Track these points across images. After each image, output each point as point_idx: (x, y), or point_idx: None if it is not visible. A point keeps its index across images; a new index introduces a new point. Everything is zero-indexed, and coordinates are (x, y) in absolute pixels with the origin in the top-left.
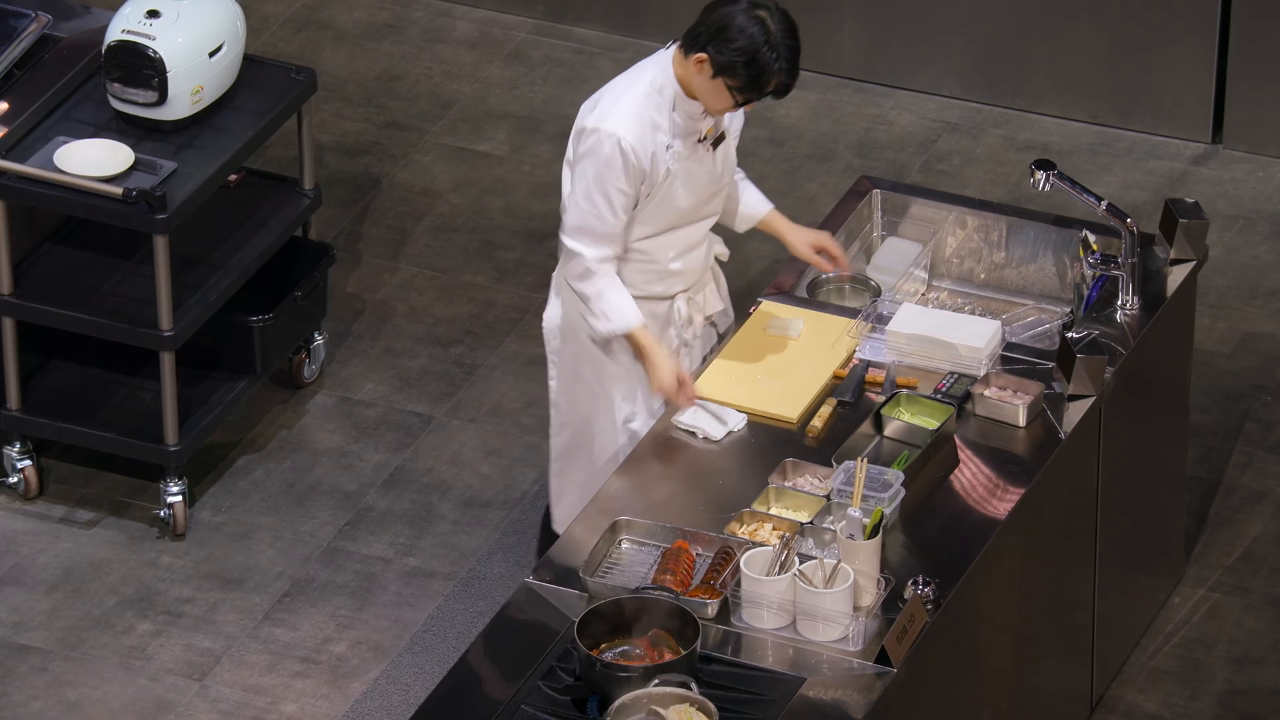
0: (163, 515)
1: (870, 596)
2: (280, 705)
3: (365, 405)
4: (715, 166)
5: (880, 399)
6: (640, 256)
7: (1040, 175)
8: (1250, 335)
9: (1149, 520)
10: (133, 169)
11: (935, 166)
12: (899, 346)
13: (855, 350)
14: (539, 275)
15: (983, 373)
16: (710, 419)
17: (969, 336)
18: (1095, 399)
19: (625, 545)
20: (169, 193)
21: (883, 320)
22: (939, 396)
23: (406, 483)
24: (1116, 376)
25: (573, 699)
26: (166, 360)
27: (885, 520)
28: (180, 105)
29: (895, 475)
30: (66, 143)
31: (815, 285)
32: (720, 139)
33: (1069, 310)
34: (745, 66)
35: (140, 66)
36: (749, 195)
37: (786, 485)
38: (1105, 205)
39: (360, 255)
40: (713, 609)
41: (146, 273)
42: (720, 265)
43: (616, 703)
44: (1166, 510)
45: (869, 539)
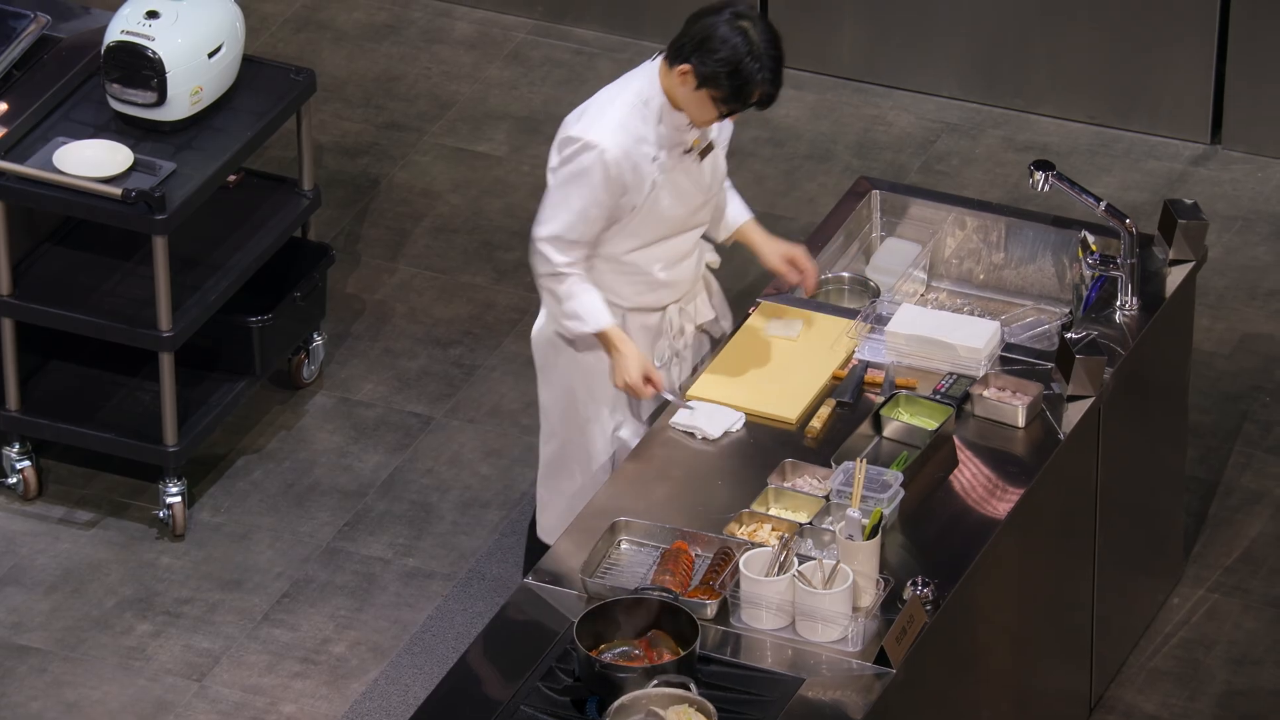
0: (162, 516)
1: (869, 597)
2: (279, 706)
3: (364, 406)
4: (703, 177)
5: (879, 399)
6: (630, 268)
7: (1039, 176)
8: (1249, 336)
9: (1148, 521)
10: (132, 170)
11: (934, 167)
12: (898, 347)
13: (854, 351)
14: None
15: (982, 373)
16: (708, 419)
17: (968, 337)
18: (1094, 399)
19: (624, 546)
20: (168, 193)
21: (882, 321)
22: (938, 397)
23: (405, 483)
24: (1115, 377)
25: (572, 700)
26: (165, 361)
27: (884, 521)
28: (179, 106)
29: (894, 476)
30: (66, 143)
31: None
32: (708, 149)
33: (1068, 311)
34: (729, 77)
35: (139, 67)
36: (731, 205)
37: (785, 486)
38: (1104, 206)
39: (359, 256)
40: (712, 610)
41: (145, 273)
42: (713, 271)
43: (616, 703)
44: (1165, 511)
45: (868, 540)
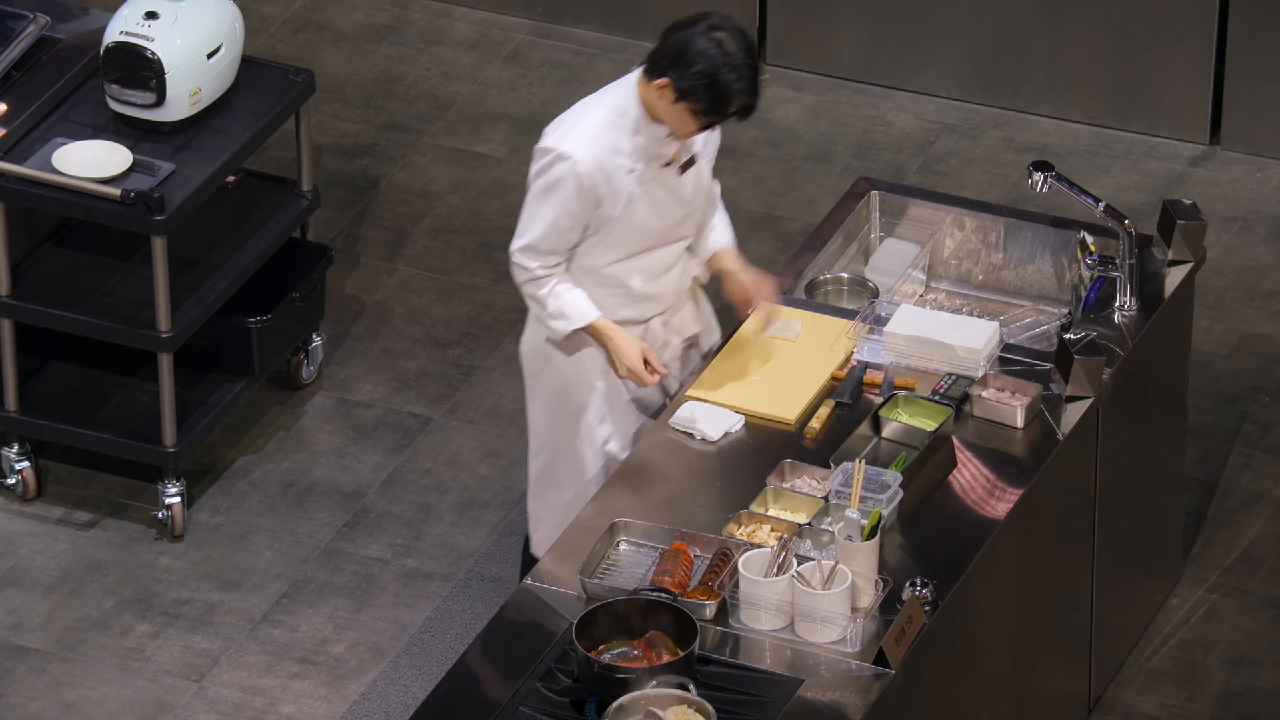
0: (161, 516)
1: (868, 598)
2: (278, 706)
3: (363, 406)
4: (684, 190)
5: (878, 400)
6: (610, 281)
7: (1038, 176)
8: (1248, 336)
9: (1147, 521)
10: (131, 170)
11: (933, 168)
12: (897, 348)
13: (853, 351)
14: None
15: (981, 374)
16: (708, 420)
17: (967, 338)
18: (1093, 400)
19: (623, 547)
20: (167, 194)
21: (881, 321)
22: (937, 398)
23: (404, 484)
24: (1114, 378)
25: (571, 700)
26: (164, 361)
27: (883, 521)
28: (178, 106)
29: (893, 476)
30: (65, 144)
31: (813, 286)
32: (690, 163)
33: (1067, 311)
34: (706, 90)
35: (138, 68)
36: (713, 231)
37: (784, 486)
38: (1103, 206)
39: (358, 256)
40: (711, 610)
41: (144, 274)
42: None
43: (615, 704)
44: (1164, 511)
45: (867, 540)
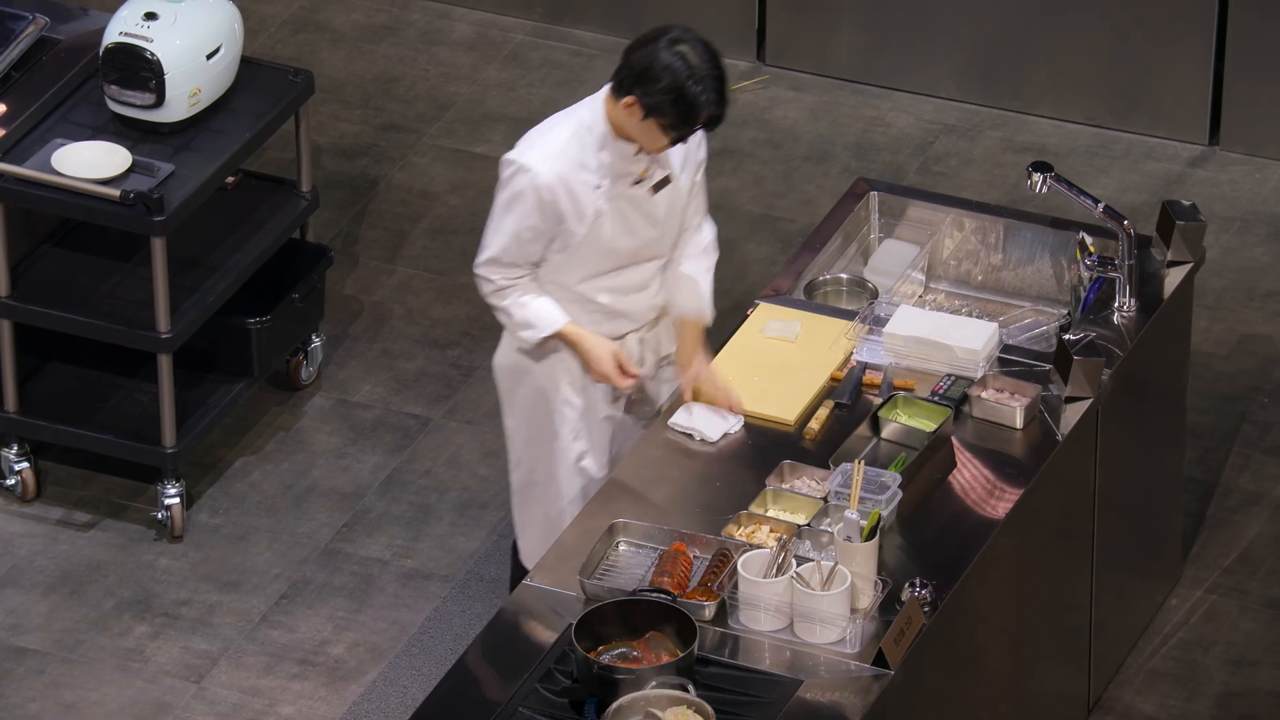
0: (160, 517)
1: (867, 599)
2: (278, 707)
3: (362, 407)
4: (656, 211)
5: (877, 401)
6: (581, 298)
7: (1037, 177)
8: (1247, 337)
9: (1146, 522)
10: (130, 171)
11: (932, 168)
12: (896, 348)
13: (852, 352)
14: None
15: (980, 375)
16: (707, 420)
17: (966, 338)
18: (1092, 401)
19: (623, 548)
20: (166, 195)
21: (880, 322)
22: (936, 398)
23: (404, 484)
24: (1114, 378)
25: (570, 701)
26: (164, 362)
27: (882, 522)
28: (178, 107)
29: (892, 477)
30: (64, 145)
31: (813, 287)
32: (664, 183)
33: (1066, 312)
34: (673, 105)
35: (138, 69)
36: (687, 292)
37: (784, 487)
38: (1102, 207)
39: (358, 257)
40: (710, 611)
41: (144, 275)
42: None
43: (614, 705)
44: (1163, 512)
45: (866, 541)
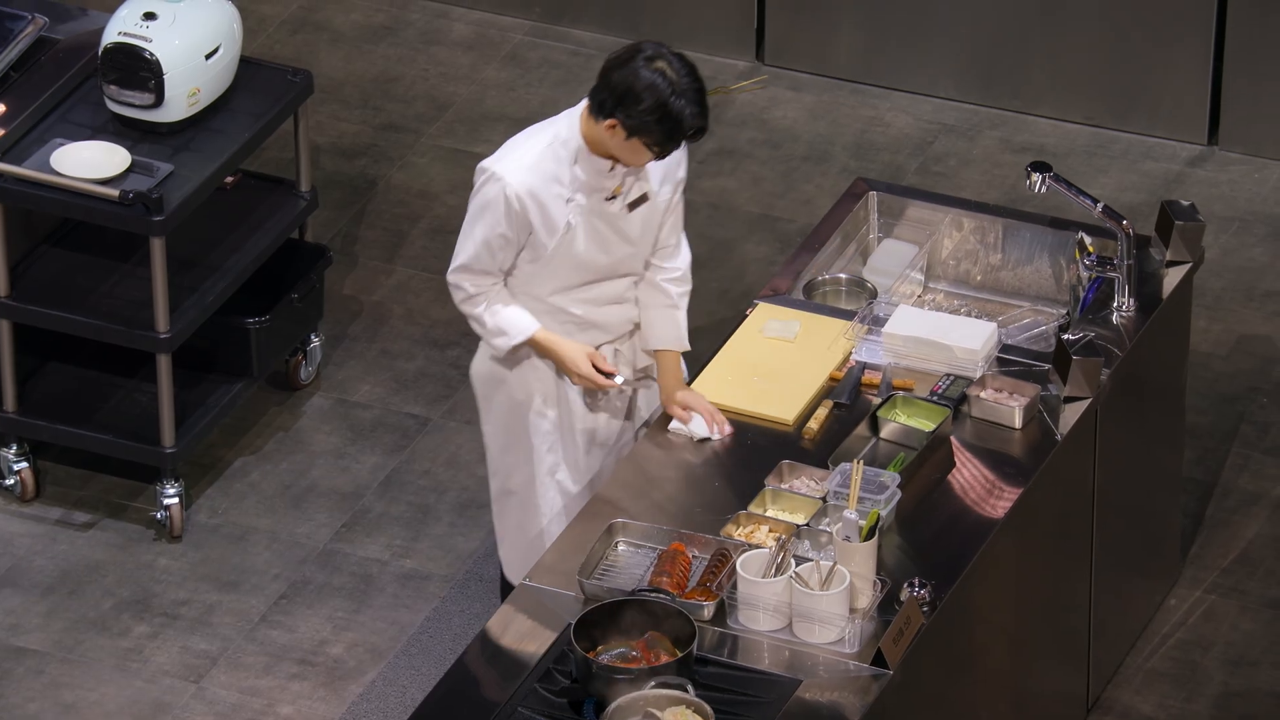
0: (159, 517)
1: (866, 599)
2: (277, 707)
3: (361, 407)
4: (631, 228)
5: (876, 401)
6: (554, 309)
7: (1036, 177)
8: (1246, 337)
9: (1145, 522)
10: (129, 171)
11: (931, 168)
12: (895, 348)
13: (851, 352)
14: None
15: (979, 375)
16: (697, 419)
17: (965, 338)
18: (1091, 401)
19: (621, 548)
20: (165, 195)
21: (879, 322)
22: (935, 398)
23: (403, 485)
24: (1112, 378)
25: (569, 701)
26: (163, 362)
27: (881, 522)
28: (177, 107)
29: (891, 477)
30: (63, 145)
31: (811, 287)
32: (641, 201)
33: (1065, 312)
34: (659, 123)
35: (137, 69)
36: (664, 325)
37: (783, 487)
38: (1101, 207)
39: (357, 257)
40: (709, 611)
41: (143, 275)
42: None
43: (613, 705)
44: (1162, 512)
45: (865, 541)
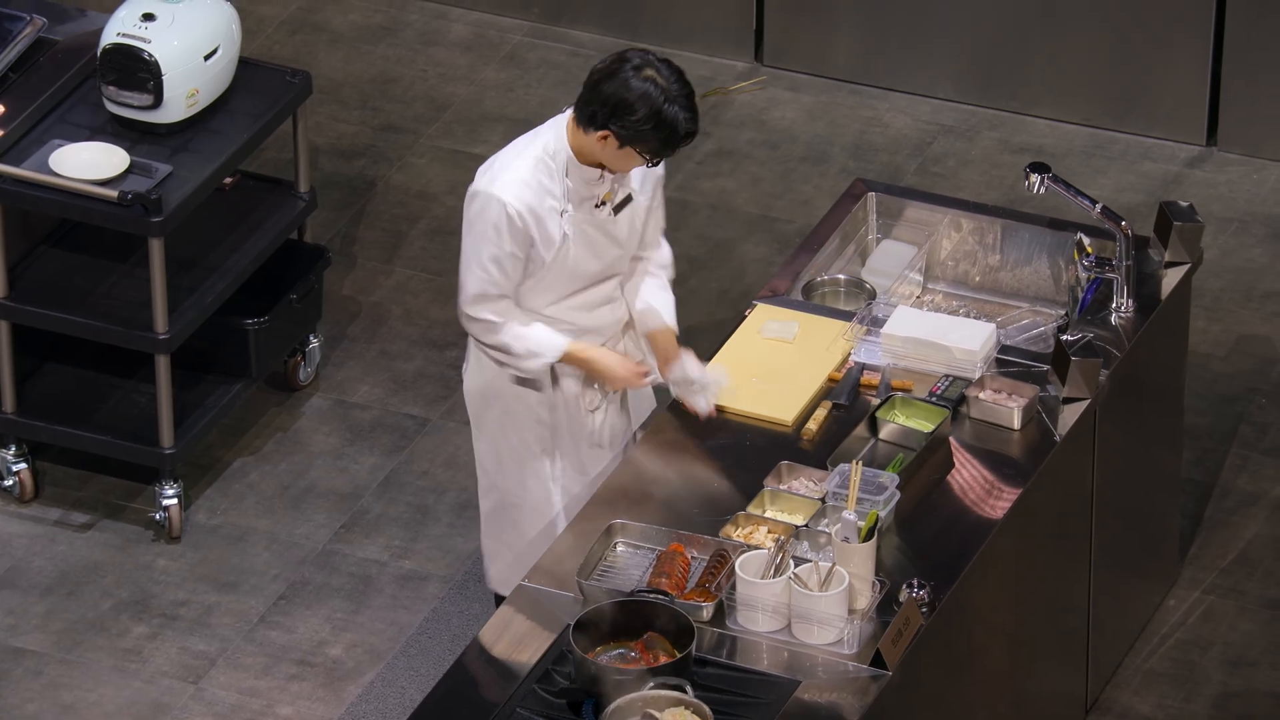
0: (158, 518)
1: (865, 599)
2: (275, 708)
3: (360, 408)
4: (619, 231)
5: (875, 402)
6: (551, 320)
7: (1035, 178)
8: (1245, 338)
9: (1144, 523)
10: (128, 172)
11: (930, 169)
12: (894, 349)
13: (850, 353)
14: None
15: (978, 375)
16: (702, 400)
17: (964, 339)
18: (1090, 401)
19: (620, 548)
20: (164, 196)
21: (878, 323)
22: (934, 399)
23: (402, 485)
24: (1111, 379)
25: (568, 702)
26: (162, 363)
27: (880, 523)
28: (175, 108)
29: (890, 478)
30: (62, 146)
31: (810, 288)
32: (625, 202)
33: (1064, 313)
34: (654, 131)
35: (135, 69)
36: (653, 296)
37: (781, 488)
38: (1100, 208)
39: (355, 258)
40: (708, 612)
41: (142, 276)
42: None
43: (612, 706)
44: (1161, 513)
45: (864, 542)
